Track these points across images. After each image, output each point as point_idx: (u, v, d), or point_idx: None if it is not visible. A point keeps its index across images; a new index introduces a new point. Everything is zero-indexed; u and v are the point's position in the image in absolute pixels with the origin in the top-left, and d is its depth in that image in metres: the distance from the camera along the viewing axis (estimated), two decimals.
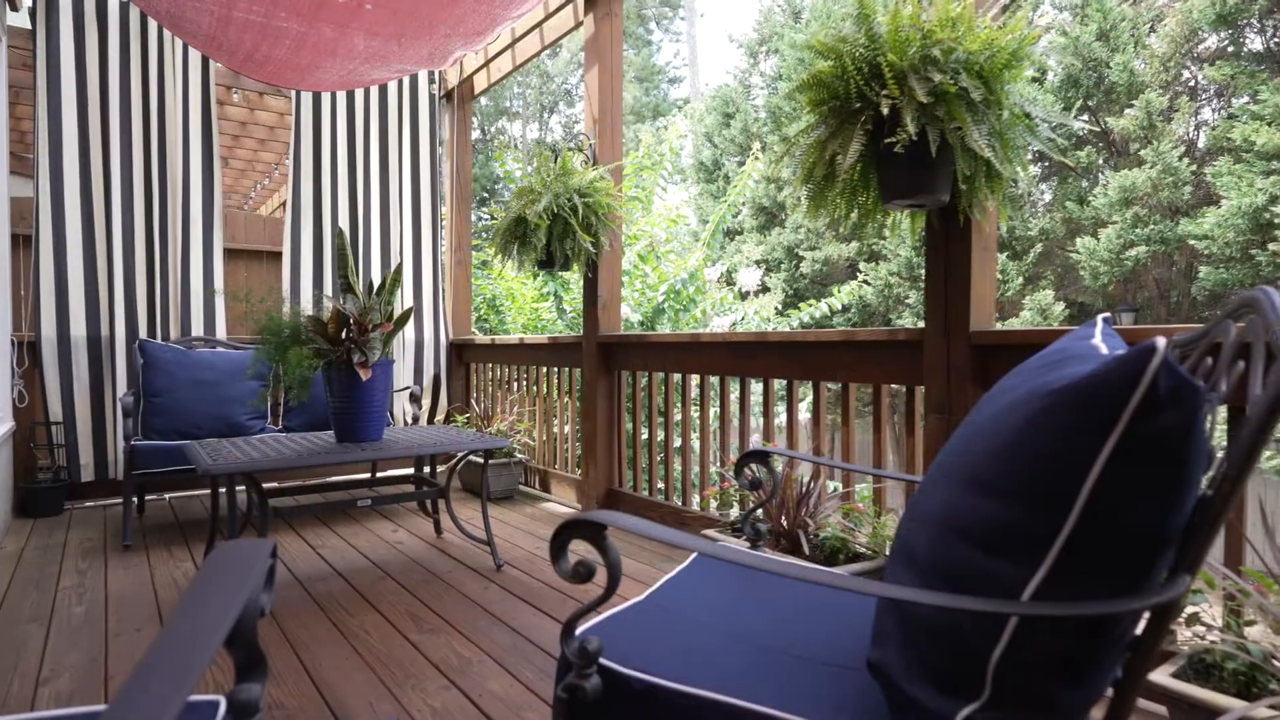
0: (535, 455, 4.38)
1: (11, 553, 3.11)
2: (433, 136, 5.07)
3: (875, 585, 0.80)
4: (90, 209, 3.94)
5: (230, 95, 5.31)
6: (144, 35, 4.08)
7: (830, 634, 1.17)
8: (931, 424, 2.18)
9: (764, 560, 0.87)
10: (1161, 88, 10.20)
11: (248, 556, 0.81)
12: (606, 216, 3.37)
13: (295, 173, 4.57)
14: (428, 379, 5.03)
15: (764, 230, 14.50)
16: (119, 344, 4.00)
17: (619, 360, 3.66)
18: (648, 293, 6.08)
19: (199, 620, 0.70)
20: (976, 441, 0.91)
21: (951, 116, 1.72)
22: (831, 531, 2.27)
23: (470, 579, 2.76)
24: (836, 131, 1.88)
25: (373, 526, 3.57)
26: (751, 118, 15.07)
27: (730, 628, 1.17)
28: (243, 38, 2.95)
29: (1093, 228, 10.64)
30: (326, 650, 2.12)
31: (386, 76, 3.72)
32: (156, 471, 3.33)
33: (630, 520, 0.93)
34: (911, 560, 0.94)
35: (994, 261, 2.14)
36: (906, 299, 12.02)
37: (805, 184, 2.03)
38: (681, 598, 1.28)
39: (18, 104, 4.91)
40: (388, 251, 4.89)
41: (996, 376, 2.08)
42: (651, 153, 6.71)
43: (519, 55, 4.49)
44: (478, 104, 21.07)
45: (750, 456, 1.57)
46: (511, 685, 1.91)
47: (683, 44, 25.17)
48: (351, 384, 2.72)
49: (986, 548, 0.81)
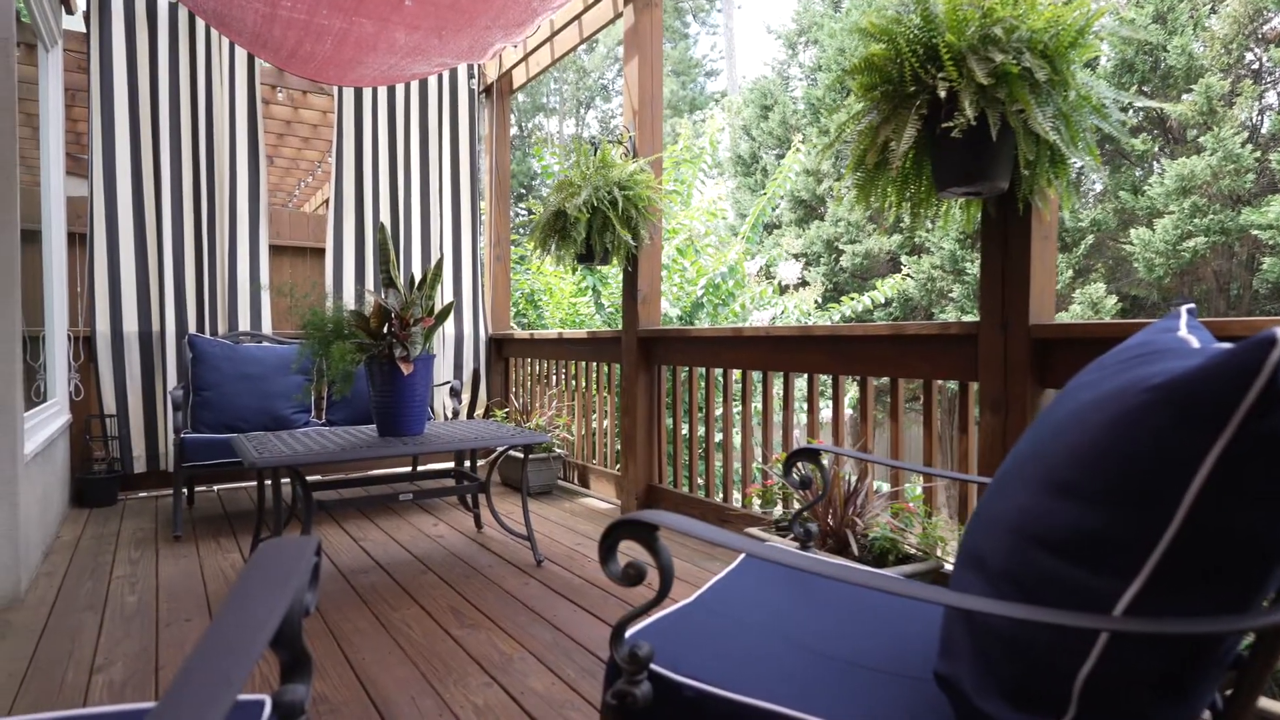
0: (574, 450, 4.37)
1: (69, 541, 3.20)
2: (472, 131, 5.08)
3: (951, 595, 0.74)
4: (142, 208, 4.03)
5: (275, 94, 5.40)
6: (192, 36, 4.15)
7: (888, 640, 1.12)
8: (986, 421, 2.09)
9: (825, 565, 0.82)
10: (1223, 71, 9.77)
11: (292, 554, 0.79)
12: (646, 209, 3.33)
13: (338, 169, 4.63)
14: (467, 374, 5.06)
15: (803, 224, 14.30)
16: (169, 339, 4.09)
17: (659, 355, 3.62)
18: (686, 287, 6.02)
19: (244, 620, 0.68)
20: (1055, 442, 0.84)
21: (1013, 98, 1.64)
22: (880, 532, 2.20)
23: (511, 574, 2.75)
24: (889, 117, 1.81)
25: (414, 520, 3.59)
26: (790, 110, 14.87)
27: (783, 632, 1.12)
28: (286, 34, 2.98)
29: (1148, 218, 10.25)
30: (369, 643, 2.13)
31: (427, 71, 3.72)
32: (205, 464, 3.39)
33: (682, 521, 0.89)
34: (982, 567, 0.88)
35: (1054, 251, 2.04)
36: (950, 292, 11.74)
37: (855, 172, 1.96)
38: (732, 600, 1.23)
39: (74, 106, 5.05)
40: (428, 247, 4.92)
41: (1057, 372, 2.00)
42: (690, 146, 6.64)
43: (558, 48, 4.46)
44: (515, 100, 21.19)
45: (799, 454, 1.52)
46: (553, 683, 1.89)
47: (720, 36, 24.95)
48: (393, 378, 2.73)
49: (1070, 556, 0.75)
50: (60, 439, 3.59)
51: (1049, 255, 2.02)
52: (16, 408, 2.49)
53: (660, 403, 3.66)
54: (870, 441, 2.62)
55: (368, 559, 2.95)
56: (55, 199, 3.81)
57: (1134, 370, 0.82)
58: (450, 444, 2.69)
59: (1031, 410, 2.00)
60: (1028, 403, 1.99)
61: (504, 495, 4.13)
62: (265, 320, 4.40)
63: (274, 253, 4.87)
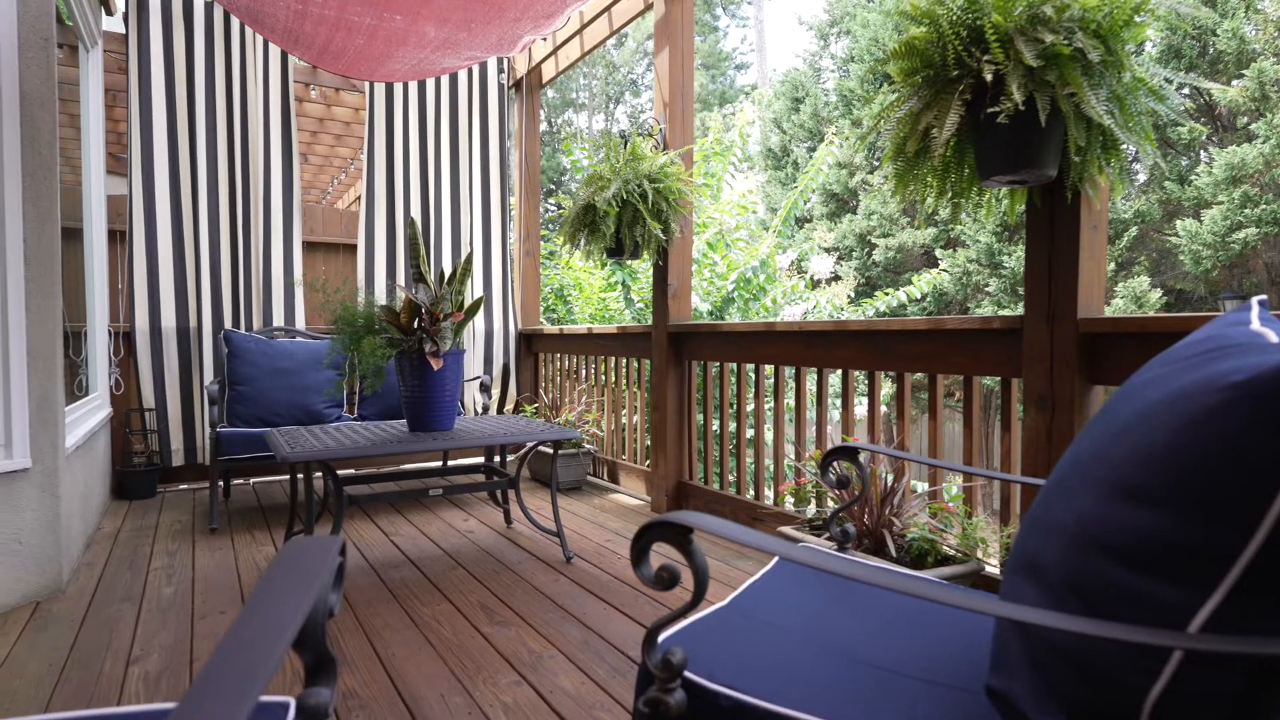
0: (603, 446, 4.34)
1: (109, 533, 3.26)
2: (502, 126, 5.08)
3: (1013, 608, 0.69)
4: (179, 205, 4.09)
5: (308, 92, 5.45)
6: (227, 35, 4.20)
7: (932, 647, 1.06)
8: (1031, 419, 2.02)
9: (868, 571, 0.78)
10: (1276, 55, 9.39)
11: (315, 554, 0.77)
12: (677, 202, 3.28)
13: (369, 164, 4.65)
14: (497, 369, 5.06)
15: (834, 218, 14.11)
16: (206, 334, 4.15)
17: (689, 350, 3.57)
18: (716, 281, 5.96)
19: (265, 622, 0.66)
20: (1119, 443, 0.79)
21: (1064, 81, 1.56)
22: (919, 532, 2.13)
23: (540, 571, 2.74)
24: (931, 102, 1.74)
25: (444, 515, 3.60)
26: (822, 102, 14.67)
27: (823, 638, 1.08)
28: (318, 30, 2.99)
29: (1194, 209, 9.91)
30: (399, 639, 2.12)
31: (457, 65, 3.71)
32: (240, 457, 3.43)
33: (717, 523, 0.85)
34: (1039, 575, 0.83)
35: (1104, 241, 1.96)
36: (986, 286, 11.49)
37: (894, 161, 1.90)
38: (768, 603, 1.19)
39: (115, 107, 5.15)
40: (458, 242, 4.93)
41: (1107, 368, 1.91)
42: (720, 139, 6.57)
43: (587, 41, 4.43)
44: (545, 96, 21.23)
45: (836, 453, 1.47)
46: (583, 683, 1.86)
47: (750, 29, 24.72)
48: (423, 373, 2.73)
49: (1138, 566, 0.69)
50: (101, 432, 3.67)
51: (1098, 245, 1.94)
52: (58, 402, 2.53)
53: (691, 398, 3.61)
54: (907, 439, 2.54)
55: (398, 554, 2.96)
56: (96, 197, 3.89)
57: (1207, 367, 0.76)
58: (479, 439, 2.68)
59: (1080, 407, 1.92)
60: (1075, 400, 1.92)
61: (534, 491, 4.12)
62: (299, 316, 4.45)
63: (307, 249, 4.92)
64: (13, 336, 2.36)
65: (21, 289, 2.38)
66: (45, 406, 2.46)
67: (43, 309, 2.47)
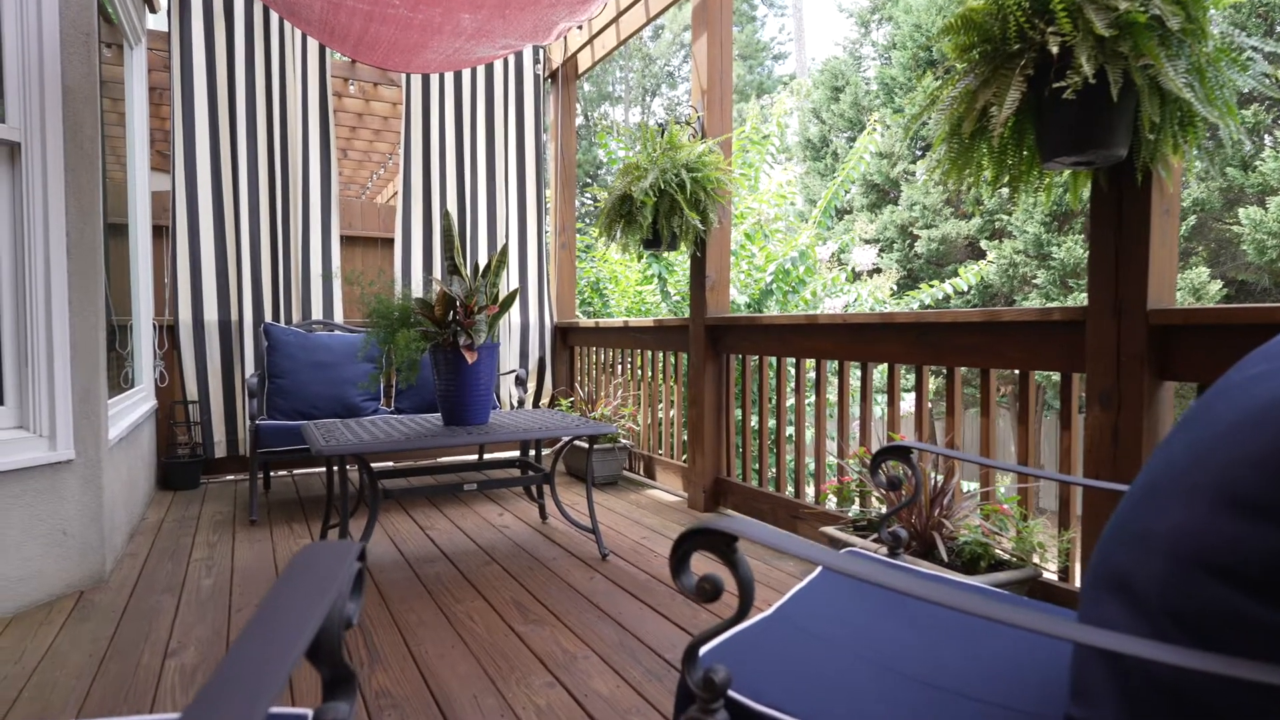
0: (639, 441, 4.29)
1: (153, 524, 3.31)
2: (538, 118, 5.04)
3: (1113, 638, 0.61)
4: (220, 200, 4.14)
5: (347, 87, 5.48)
6: (266, 30, 4.23)
7: (998, 666, 0.98)
8: (1094, 417, 1.89)
9: (934, 589, 0.70)
10: None
11: (331, 561, 0.72)
12: (715, 192, 3.20)
13: (405, 158, 4.65)
14: (533, 362, 5.04)
15: (875, 209, 13.81)
16: (247, 327, 4.20)
17: (728, 343, 3.49)
18: (754, 273, 5.84)
19: (276, 633, 0.61)
20: (1227, 449, 0.69)
21: (1139, 52, 1.44)
22: (971, 535, 2.03)
23: (575, 568, 2.69)
24: (989, 79, 1.63)
25: (479, 509, 3.58)
26: (862, 90, 14.36)
27: (876, 654, 1.00)
28: (352, 21, 2.97)
29: (1259, 196, 9.44)
30: (433, 636, 2.09)
31: (492, 55, 3.68)
32: (279, 450, 3.45)
33: (763, 530, 0.78)
34: (1129, 595, 0.74)
35: (1175, 227, 1.82)
36: (1034, 279, 11.12)
37: (948, 142, 1.79)
38: (816, 613, 1.11)
39: (162, 105, 5.24)
40: (494, 235, 4.91)
41: (1179, 364, 1.78)
42: (758, 128, 6.44)
43: (623, 29, 4.35)
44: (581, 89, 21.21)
45: (888, 452, 1.38)
46: (618, 686, 1.81)
47: (788, 17, 24.35)
48: (458, 367, 2.69)
49: (1254, 589, 0.60)
50: (146, 424, 3.73)
51: (1170, 231, 1.81)
52: (100, 395, 2.56)
53: (729, 393, 3.53)
54: (958, 436, 2.43)
55: (433, 548, 2.94)
56: (141, 193, 3.95)
57: None
58: (514, 434, 2.64)
59: (1148, 405, 1.79)
60: (1143, 397, 1.79)
61: (569, 485, 4.08)
62: (337, 309, 4.47)
63: (346, 243, 4.95)
64: (56, 330, 2.38)
65: (64, 283, 2.41)
66: (88, 399, 2.49)
67: (85, 303, 2.49)
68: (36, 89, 2.34)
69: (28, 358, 2.35)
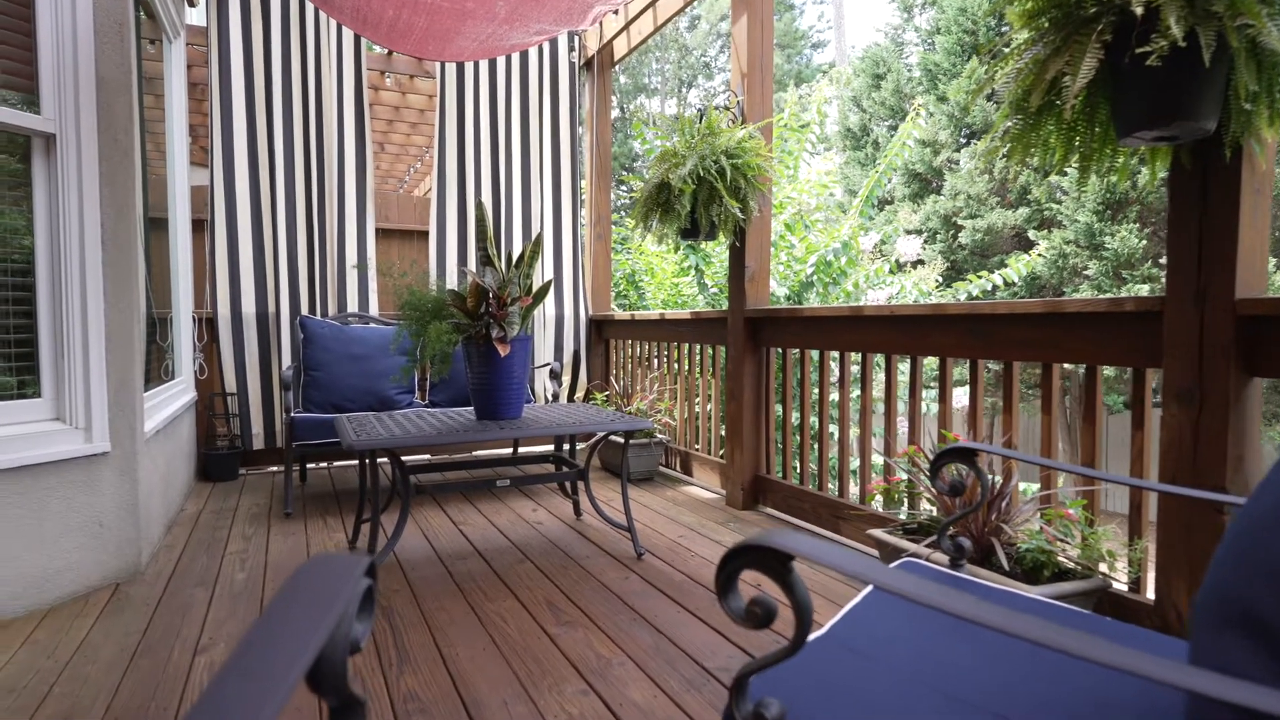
0: (676, 436, 4.19)
1: (191, 515, 3.33)
2: (573, 107, 4.96)
3: (1261, 694, 0.50)
4: (258, 194, 4.15)
5: (383, 80, 5.46)
6: (302, 23, 4.22)
7: (1080, 697, 0.86)
8: (1171, 415, 1.74)
9: (1025, 625, 0.59)
10: None
11: (335, 577, 0.64)
12: (756, 179, 3.08)
13: (440, 149, 4.62)
14: (568, 355, 4.97)
15: (917, 199, 13.45)
16: (284, 320, 4.21)
17: (767, 337, 3.37)
18: (794, 265, 5.69)
19: (265, 662, 0.53)
20: None
21: (1235, 10, 1.29)
22: (1033, 542, 1.89)
23: (610, 567, 2.61)
24: (1061, 47, 1.49)
25: (513, 504, 3.53)
26: (904, 78, 13.98)
27: (943, 683, 0.89)
28: (385, 8, 2.92)
29: None
30: (463, 636, 2.03)
31: (526, 41, 3.60)
32: (313, 443, 3.44)
33: (822, 549, 0.68)
34: (1262, 636, 0.62)
35: (1268, 207, 1.66)
36: (1085, 270, 10.70)
37: (1011, 118, 1.65)
38: (873, 634, 1.01)
39: (202, 101, 5.29)
40: (529, 226, 4.85)
41: (1272, 358, 1.62)
42: (796, 115, 6.26)
43: (660, 14, 4.24)
44: (617, 81, 21.09)
45: (950, 454, 1.26)
46: (655, 695, 1.72)
47: (827, 5, 23.89)
48: (490, 360, 2.63)
49: None
50: (186, 416, 3.75)
51: (1262, 212, 1.65)
52: (136, 387, 2.55)
53: (769, 387, 3.41)
54: (1016, 436, 2.28)
55: (466, 544, 2.89)
56: (180, 187, 3.97)
57: None
58: (548, 429, 2.57)
59: (1235, 403, 1.64)
60: (1229, 394, 1.64)
61: (604, 481, 4.01)
62: (372, 301, 4.46)
63: (382, 236, 4.95)
64: (91, 323, 2.38)
65: (100, 275, 2.40)
66: (124, 391, 2.48)
67: (120, 294, 2.49)
68: (71, 80, 2.33)
69: (64, 350, 2.34)
